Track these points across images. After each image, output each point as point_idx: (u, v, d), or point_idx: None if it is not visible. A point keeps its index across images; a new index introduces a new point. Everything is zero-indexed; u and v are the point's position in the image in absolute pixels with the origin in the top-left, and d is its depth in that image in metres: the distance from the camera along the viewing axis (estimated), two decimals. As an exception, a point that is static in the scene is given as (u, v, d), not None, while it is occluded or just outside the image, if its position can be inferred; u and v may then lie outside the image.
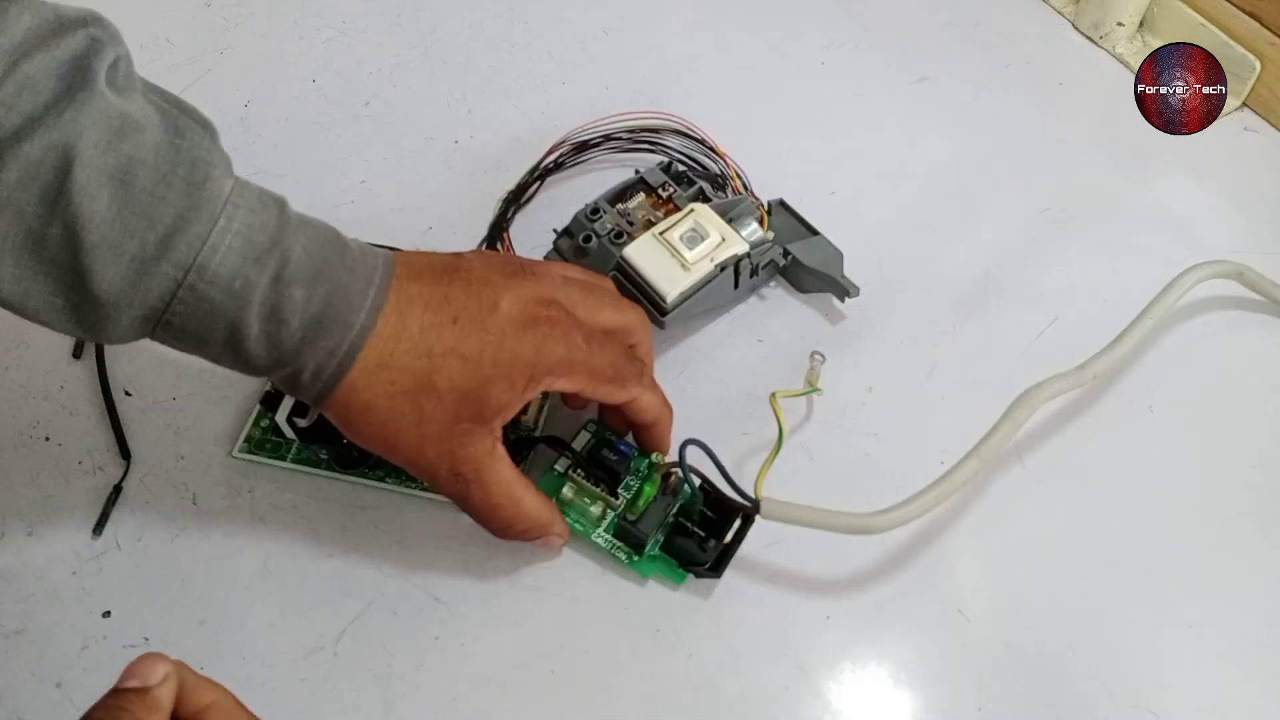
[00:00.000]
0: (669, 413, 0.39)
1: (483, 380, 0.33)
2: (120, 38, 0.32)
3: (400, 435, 0.34)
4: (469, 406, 0.33)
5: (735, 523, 0.37)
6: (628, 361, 0.37)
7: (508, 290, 0.34)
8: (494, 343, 0.33)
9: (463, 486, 0.35)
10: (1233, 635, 0.37)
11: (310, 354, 0.32)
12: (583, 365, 0.35)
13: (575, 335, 0.35)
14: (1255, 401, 0.43)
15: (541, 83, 0.55)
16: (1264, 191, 0.50)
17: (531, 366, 0.34)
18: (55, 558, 0.39)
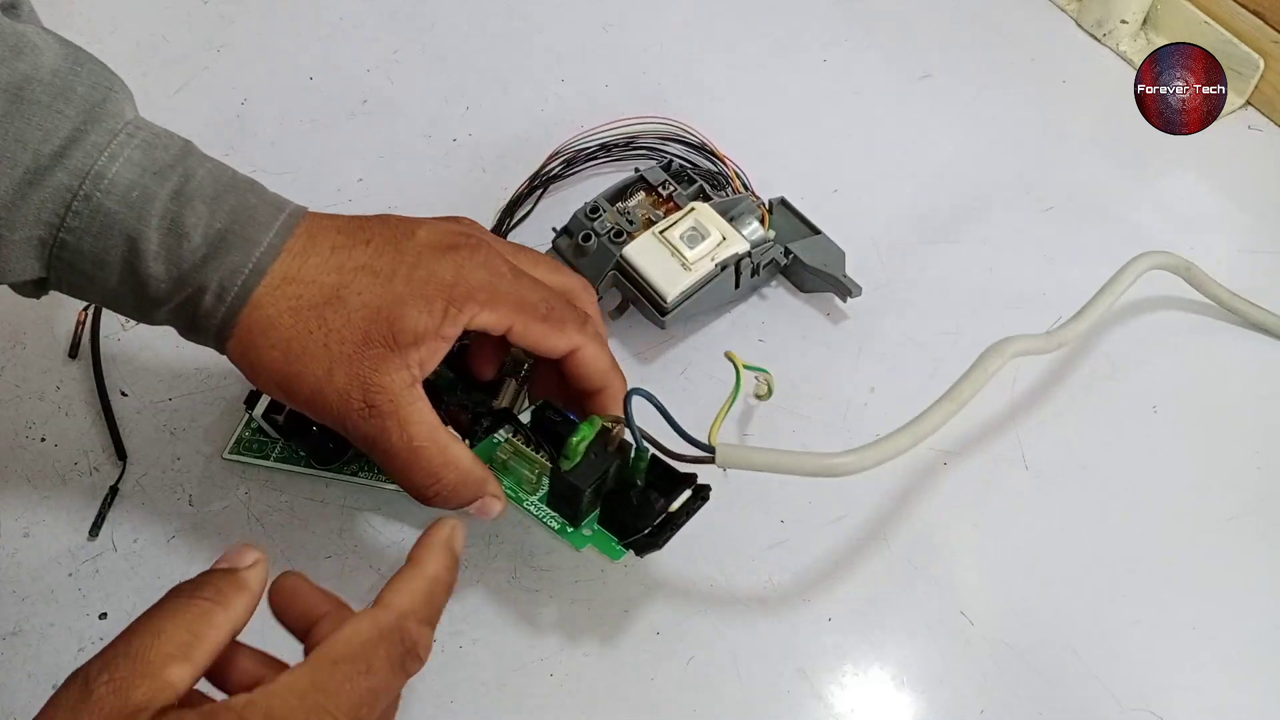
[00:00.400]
0: (621, 379, 0.35)
1: (395, 298, 0.30)
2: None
3: (306, 356, 0.30)
4: (381, 327, 0.30)
5: (684, 491, 0.33)
6: (565, 305, 0.33)
7: (427, 223, 0.33)
8: (409, 261, 0.31)
9: (379, 422, 0.31)
10: (1234, 636, 0.37)
11: (213, 271, 0.30)
12: (509, 295, 0.32)
13: (500, 265, 0.32)
14: (1256, 402, 0.43)
15: (540, 80, 0.54)
16: (1267, 190, 0.49)
17: (450, 288, 0.31)
18: (51, 559, 0.39)
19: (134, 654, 0.23)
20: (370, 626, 0.25)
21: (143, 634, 0.24)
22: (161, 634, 0.24)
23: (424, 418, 0.31)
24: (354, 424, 0.31)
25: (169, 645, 0.23)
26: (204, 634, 0.24)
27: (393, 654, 0.25)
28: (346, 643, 0.24)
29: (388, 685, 0.25)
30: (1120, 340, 0.44)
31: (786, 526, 0.39)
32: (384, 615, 0.25)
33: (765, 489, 0.40)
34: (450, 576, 0.27)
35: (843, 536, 0.39)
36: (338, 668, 0.24)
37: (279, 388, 0.31)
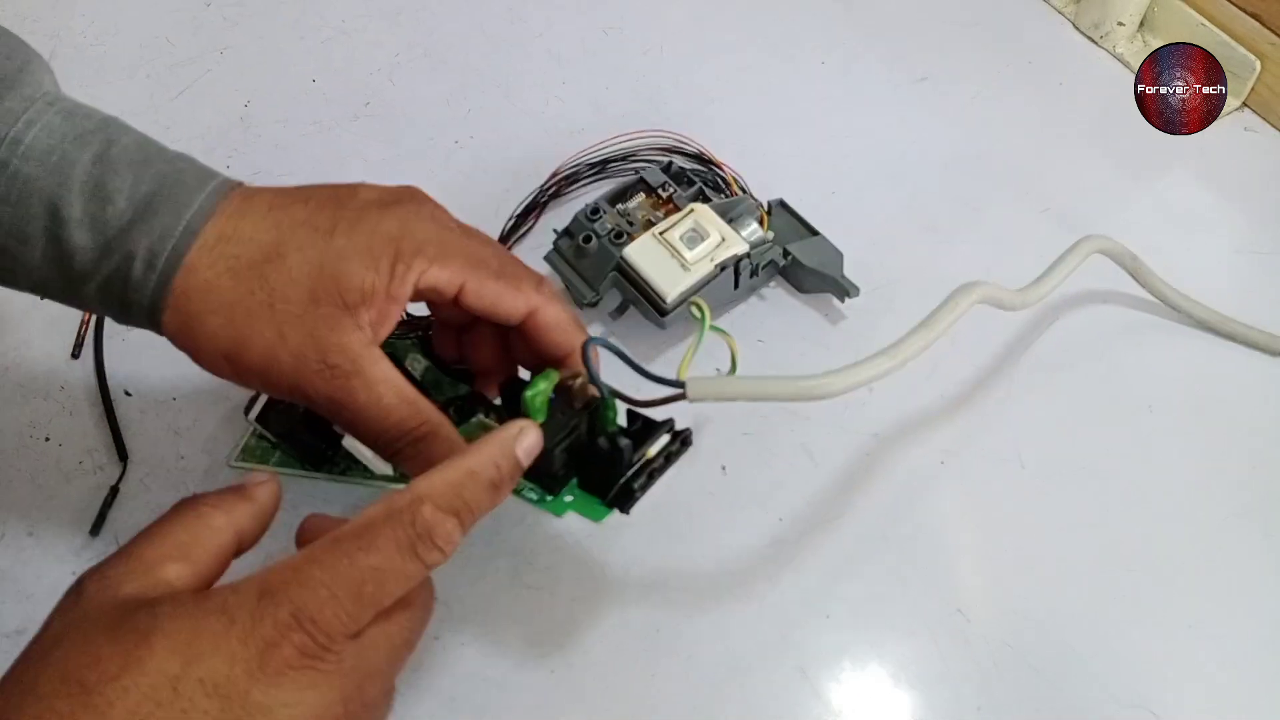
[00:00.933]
0: (584, 337, 0.32)
1: (338, 253, 0.28)
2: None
3: (251, 319, 0.28)
4: (326, 284, 0.28)
5: (661, 435, 0.31)
6: (517, 262, 0.32)
7: (369, 184, 0.31)
8: (350, 217, 0.29)
9: (341, 382, 0.28)
10: (1232, 635, 0.37)
11: (141, 235, 0.28)
12: (460, 249, 0.30)
13: (448, 219, 0.31)
14: (1255, 402, 0.43)
15: (541, 82, 0.54)
16: (1264, 191, 0.50)
17: (396, 242, 0.29)
18: (55, 558, 0.39)
19: (130, 554, 0.23)
20: (381, 507, 0.24)
21: (142, 539, 0.24)
22: (158, 536, 0.24)
23: (388, 374, 0.29)
24: (314, 386, 0.28)
25: (166, 545, 0.24)
26: (202, 536, 0.24)
27: (400, 535, 0.24)
28: (354, 523, 0.24)
29: (394, 566, 0.24)
30: (1118, 341, 0.44)
31: (785, 525, 0.39)
32: (399, 496, 0.24)
33: (765, 487, 0.40)
34: (496, 475, 0.26)
35: (841, 535, 0.39)
36: (338, 545, 0.23)
37: (226, 359, 0.29)
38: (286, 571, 0.23)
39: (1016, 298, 0.39)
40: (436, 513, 0.24)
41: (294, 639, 0.22)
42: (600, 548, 0.39)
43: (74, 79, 0.56)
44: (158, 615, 0.22)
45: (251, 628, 0.22)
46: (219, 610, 0.22)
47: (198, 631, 0.22)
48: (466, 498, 0.25)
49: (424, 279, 0.29)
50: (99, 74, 0.56)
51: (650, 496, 0.40)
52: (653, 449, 0.31)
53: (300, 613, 0.22)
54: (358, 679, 0.23)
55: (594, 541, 0.39)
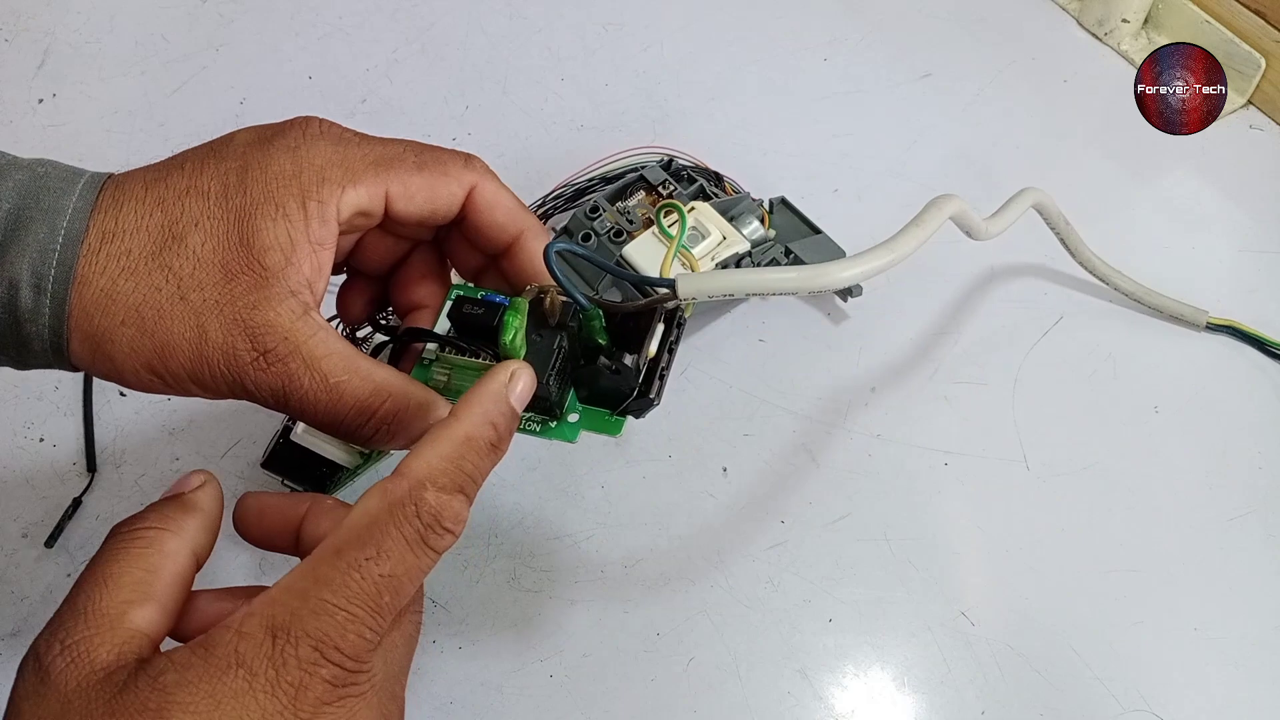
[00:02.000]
0: (535, 220, 0.29)
1: (238, 214, 0.25)
2: None
3: (165, 319, 0.24)
4: (237, 255, 0.24)
5: (656, 324, 0.28)
6: (436, 148, 0.28)
7: (244, 128, 0.27)
8: (237, 168, 0.25)
9: (280, 368, 0.25)
10: (1237, 638, 0.37)
11: (18, 257, 0.24)
12: (366, 158, 0.26)
13: (340, 129, 0.27)
14: (1256, 403, 0.43)
15: (540, 79, 0.54)
16: (1269, 189, 0.49)
17: (296, 177, 0.25)
18: (50, 560, 0.39)
19: (84, 610, 0.20)
20: (378, 502, 0.22)
21: (90, 586, 0.21)
22: (110, 579, 0.21)
23: (333, 347, 0.25)
24: (254, 380, 0.25)
25: (121, 591, 0.21)
26: (159, 565, 0.21)
27: (408, 531, 0.22)
28: (351, 526, 0.22)
29: (409, 568, 0.22)
30: (1123, 341, 0.44)
31: (786, 526, 0.39)
32: (395, 485, 0.22)
33: (766, 489, 0.40)
34: (494, 434, 0.24)
35: (843, 537, 0.39)
36: (343, 556, 0.21)
37: (153, 373, 0.25)
38: (293, 600, 0.21)
39: (985, 226, 0.38)
40: (441, 495, 0.22)
41: (322, 674, 0.20)
42: (599, 549, 0.38)
43: (69, 76, 0.56)
44: (165, 688, 0.19)
45: (275, 676, 0.20)
46: (233, 665, 0.20)
47: (218, 697, 0.20)
48: (468, 469, 0.23)
49: (344, 207, 0.26)
50: (94, 71, 0.55)
51: (650, 497, 0.40)
52: (653, 346, 0.28)
53: (322, 644, 0.20)
54: (389, 686, 0.22)
55: (593, 544, 0.39)
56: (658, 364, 0.28)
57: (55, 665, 0.20)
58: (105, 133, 0.53)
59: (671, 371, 0.28)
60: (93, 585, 0.21)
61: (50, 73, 0.56)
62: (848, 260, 0.29)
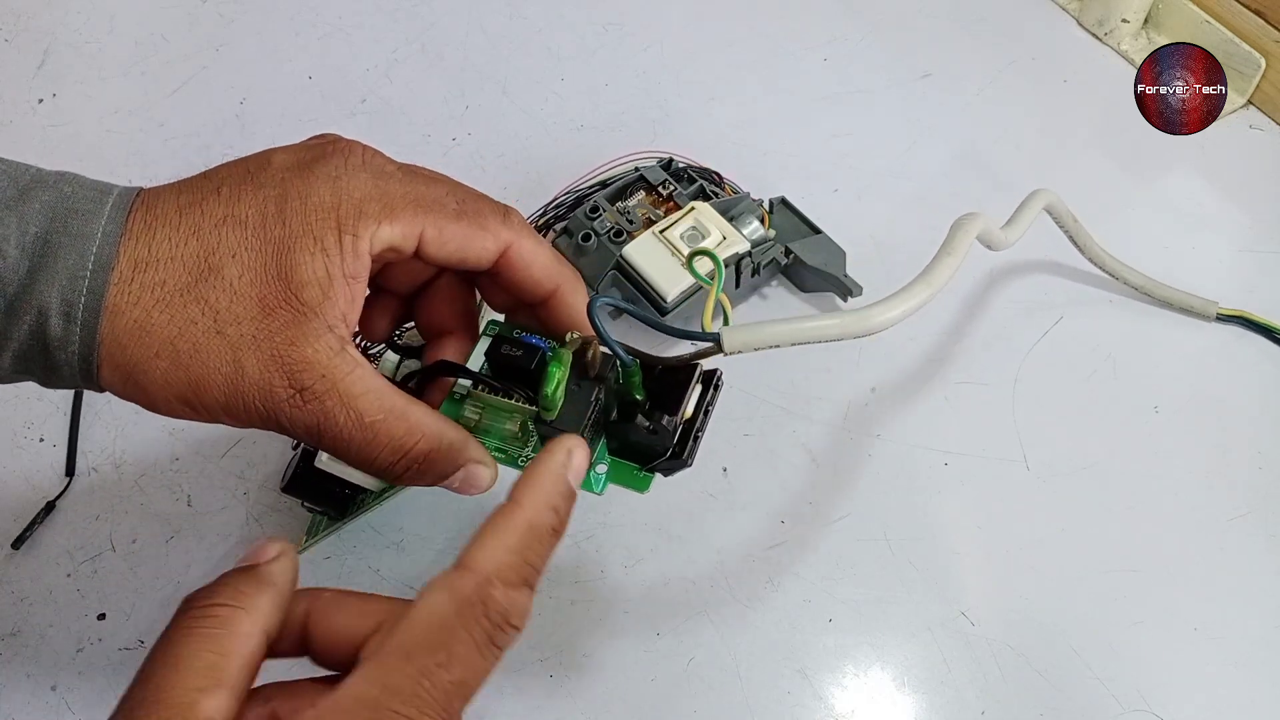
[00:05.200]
0: (572, 272, 0.29)
1: (277, 246, 0.24)
2: None
3: (200, 353, 0.24)
4: (275, 286, 0.24)
5: (694, 385, 0.27)
6: (479, 196, 0.28)
7: (281, 147, 0.27)
8: (274, 195, 0.25)
9: (316, 405, 0.24)
10: (1236, 637, 0.37)
11: (47, 284, 0.24)
12: (407, 196, 0.26)
13: (383, 161, 0.27)
14: (1257, 403, 0.43)
15: (540, 79, 0.54)
16: (1269, 189, 0.49)
17: (334, 210, 0.25)
18: (49, 560, 0.39)
19: (155, 698, 0.19)
20: (446, 602, 0.21)
21: (160, 669, 0.20)
22: (181, 663, 0.20)
23: (369, 385, 0.25)
24: (289, 417, 0.25)
25: (193, 676, 0.20)
26: (231, 649, 0.20)
27: (478, 633, 0.21)
28: (418, 627, 0.21)
29: (477, 671, 0.21)
30: (1124, 341, 0.44)
31: (787, 527, 0.39)
32: (463, 583, 0.21)
33: (766, 489, 0.40)
34: (556, 520, 0.23)
35: (843, 537, 0.39)
36: (412, 663, 0.20)
37: (185, 404, 0.25)
38: (364, 712, 0.19)
39: (1001, 237, 0.39)
40: (509, 592, 0.21)
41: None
42: (600, 549, 0.38)
43: (69, 77, 0.56)
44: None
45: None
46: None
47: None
48: (532, 559, 0.22)
49: (376, 241, 0.25)
50: (94, 71, 0.55)
51: (650, 497, 0.40)
52: (689, 408, 0.27)
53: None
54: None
55: (593, 544, 0.39)
56: (692, 425, 0.27)
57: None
58: (105, 133, 0.53)
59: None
60: (164, 668, 0.20)
61: (50, 73, 0.56)
62: (889, 301, 0.29)
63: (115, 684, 0.36)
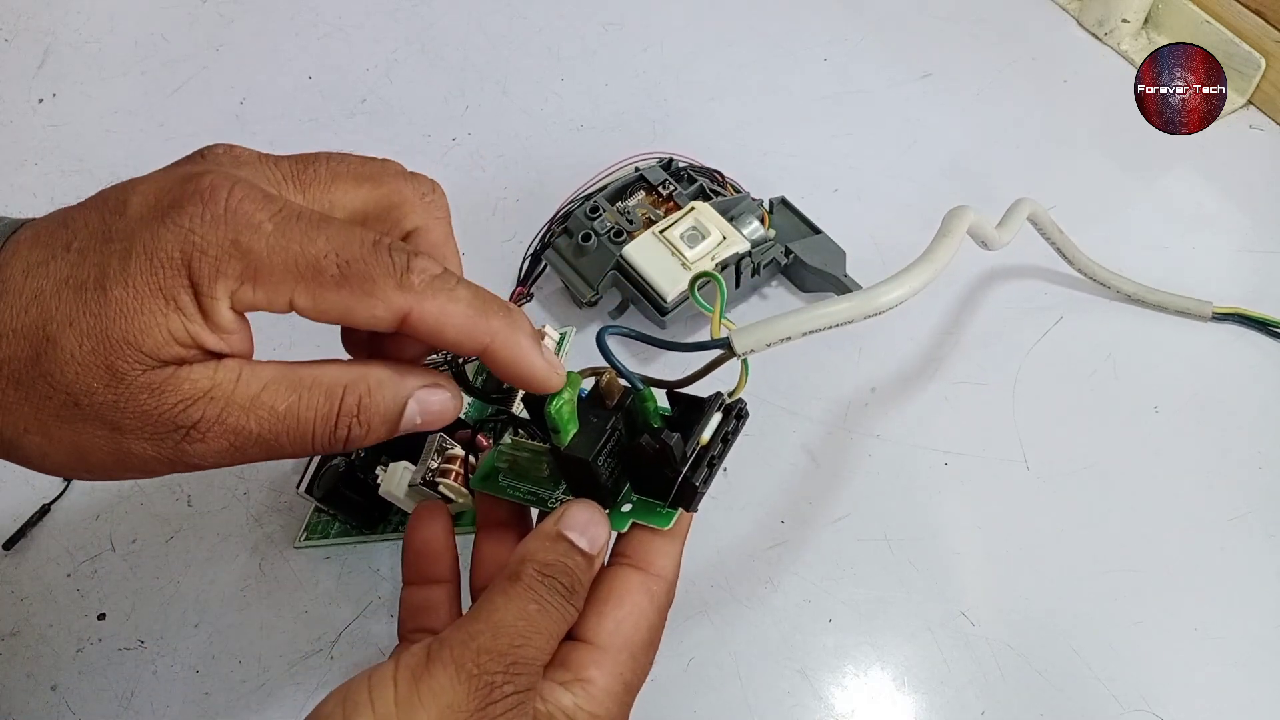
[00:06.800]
0: (504, 320, 0.24)
1: (118, 311, 0.21)
2: None
3: (68, 427, 0.22)
4: (123, 354, 0.21)
5: (714, 413, 0.27)
6: (370, 249, 0.23)
7: (149, 180, 0.23)
8: (119, 250, 0.21)
9: (219, 429, 0.22)
10: (1237, 638, 0.37)
11: None
12: (271, 255, 0.22)
13: (253, 209, 0.22)
14: (1257, 403, 0.43)
15: (540, 79, 0.54)
16: (1269, 189, 0.49)
17: (184, 265, 0.21)
18: (50, 560, 0.39)
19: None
20: (649, 606, 0.25)
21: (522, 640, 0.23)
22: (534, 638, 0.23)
23: (264, 376, 0.23)
24: (198, 454, 0.22)
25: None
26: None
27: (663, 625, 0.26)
28: (648, 630, 0.25)
29: None
30: (1123, 341, 0.44)
31: (787, 527, 0.39)
32: (658, 589, 0.25)
33: (766, 489, 0.40)
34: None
35: (843, 537, 0.39)
36: (638, 660, 0.25)
37: (73, 470, 0.23)
38: (613, 706, 0.24)
39: (995, 235, 0.39)
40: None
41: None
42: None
43: (69, 77, 0.56)
44: None
45: None
46: None
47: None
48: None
49: (239, 304, 0.22)
50: (94, 71, 0.55)
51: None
52: (706, 434, 0.26)
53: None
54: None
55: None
56: (708, 451, 0.27)
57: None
58: (105, 132, 0.53)
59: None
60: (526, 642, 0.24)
61: (50, 72, 0.56)
62: (894, 280, 0.29)
63: (115, 683, 0.36)
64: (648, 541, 0.26)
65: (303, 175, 0.25)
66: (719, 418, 0.27)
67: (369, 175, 0.26)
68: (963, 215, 0.35)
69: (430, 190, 0.26)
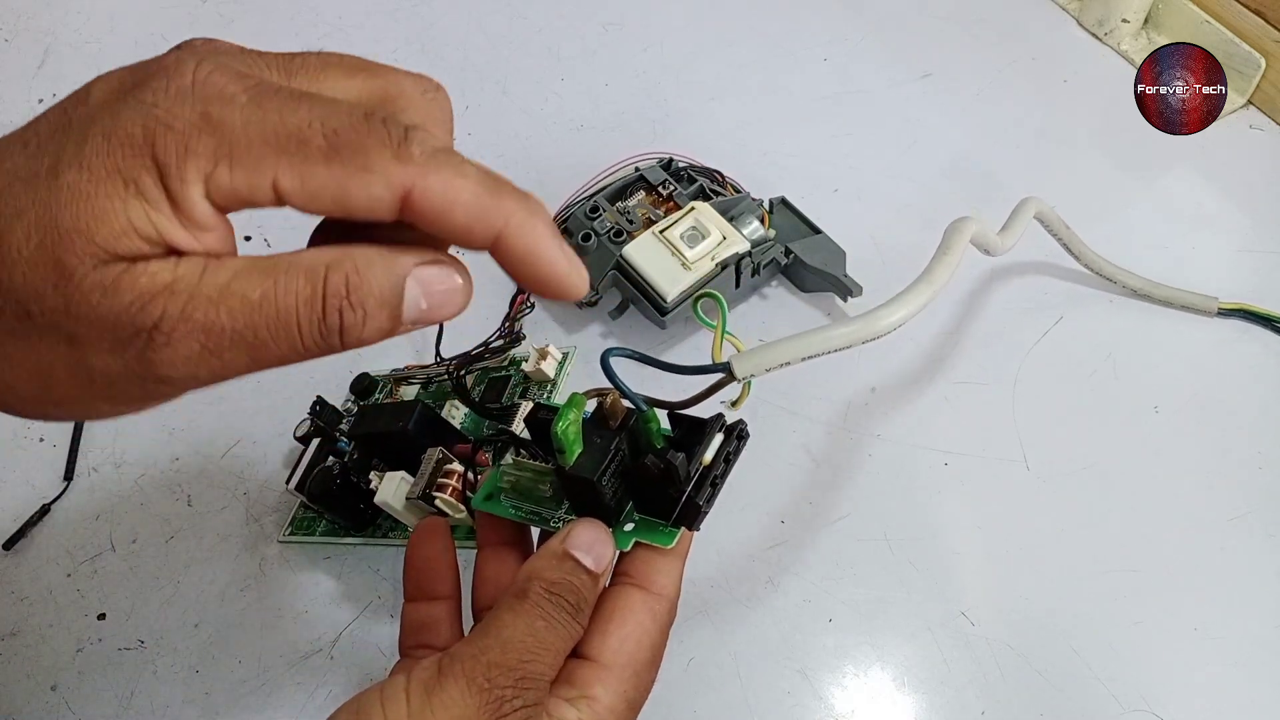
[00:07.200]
0: (518, 202, 0.21)
1: (72, 193, 0.18)
2: None
3: (25, 348, 0.19)
4: (75, 242, 0.18)
5: (716, 434, 0.27)
6: (361, 120, 0.20)
7: (114, 71, 0.20)
8: (76, 135, 0.19)
9: (186, 328, 0.19)
10: (1236, 638, 0.37)
11: None
12: (247, 127, 0.19)
13: (226, 81, 0.19)
14: (1258, 403, 0.43)
15: (540, 79, 0.54)
16: (1268, 189, 0.49)
17: (145, 141, 0.18)
18: (49, 560, 0.39)
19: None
20: (652, 624, 0.25)
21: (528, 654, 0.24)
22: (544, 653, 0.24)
23: (235, 266, 0.19)
24: (165, 363, 0.19)
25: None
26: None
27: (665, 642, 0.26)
28: (651, 649, 0.25)
29: None
30: (1124, 340, 0.44)
31: (786, 526, 0.39)
32: (660, 608, 0.26)
33: (766, 489, 0.40)
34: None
35: (843, 537, 0.39)
36: (641, 678, 0.25)
37: (41, 408, 0.21)
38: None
39: (997, 242, 0.39)
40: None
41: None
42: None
43: (69, 77, 0.56)
44: None
45: None
46: None
47: None
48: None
49: (215, 190, 0.19)
50: (94, 71, 0.55)
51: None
52: (708, 454, 0.27)
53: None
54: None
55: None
56: (710, 471, 0.27)
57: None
58: (105, 133, 0.53)
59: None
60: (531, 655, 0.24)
61: (50, 73, 0.56)
62: (893, 304, 0.30)
63: (115, 684, 0.36)
64: (650, 560, 0.26)
65: (289, 64, 0.21)
66: (721, 438, 0.27)
67: (363, 66, 0.22)
68: (963, 229, 0.35)
69: (434, 89, 0.23)
